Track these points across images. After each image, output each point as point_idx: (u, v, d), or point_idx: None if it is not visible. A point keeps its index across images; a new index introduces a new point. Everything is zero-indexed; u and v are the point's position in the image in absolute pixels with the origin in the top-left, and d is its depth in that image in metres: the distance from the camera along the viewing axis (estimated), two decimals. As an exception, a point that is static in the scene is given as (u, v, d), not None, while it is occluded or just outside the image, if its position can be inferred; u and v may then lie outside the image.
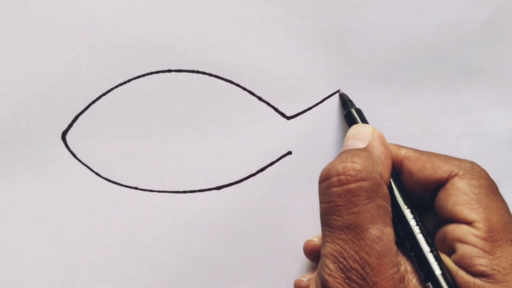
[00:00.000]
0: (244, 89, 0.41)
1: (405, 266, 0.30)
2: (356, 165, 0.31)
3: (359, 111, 0.39)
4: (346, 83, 0.41)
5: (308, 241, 0.39)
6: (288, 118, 0.41)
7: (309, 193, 0.40)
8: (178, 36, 0.40)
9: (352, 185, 0.30)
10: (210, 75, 0.40)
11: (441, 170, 0.33)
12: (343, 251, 0.30)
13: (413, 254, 0.31)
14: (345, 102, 0.40)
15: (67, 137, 0.40)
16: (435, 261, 0.30)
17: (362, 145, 0.34)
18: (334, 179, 0.31)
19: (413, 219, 0.32)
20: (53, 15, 0.39)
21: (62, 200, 0.40)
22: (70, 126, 0.40)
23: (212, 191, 0.41)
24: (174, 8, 0.40)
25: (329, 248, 0.31)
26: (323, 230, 0.32)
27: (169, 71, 0.40)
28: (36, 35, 0.39)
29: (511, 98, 0.42)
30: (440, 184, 0.33)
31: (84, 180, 0.40)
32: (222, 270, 0.40)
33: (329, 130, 0.41)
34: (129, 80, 0.40)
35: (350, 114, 0.39)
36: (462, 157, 0.34)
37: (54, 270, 0.39)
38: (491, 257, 0.30)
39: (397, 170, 0.35)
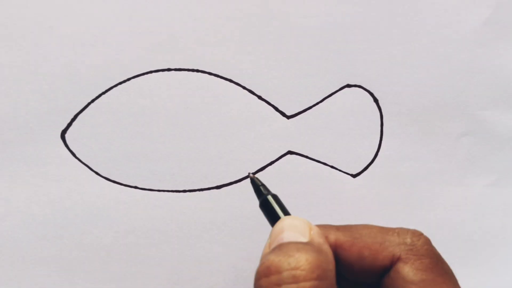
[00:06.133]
0: (244, 88, 0.41)
1: None
2: (308, 262, 0.26)
3: (276, 198, 0.32)
4: (346, 82, 0.41)
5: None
6: (288, 117, 0.41)
7: (309, 193, 0.40)
8: (177, 35, 0.40)
9: (308, 284, 0.25)
10: (210, 74, 0.40)
11: (382, 255, 0.29)
12: None
13: None
14: (258, 188, 0.33)
15: (67, 136, 0.40)
16: None
17: (303, 239, 0.28)
18: (286, 274, 0.26)
19: None
20: (53, 15, 0.39)
21: (62, 199, 0.40)
22: (69, 125, 0.40)
23: (211, 190, 0.41)
24: (174, 7, 0.40)
25: None
26: None
27: (169, 70, 0.40)
28: (36, 35, 0.39)
29: (511, 98, 0.42)
30: (384, 270, 0.29)
31: (83, 179, 0.40)
32: (222, 270, 0.40)
33: (329, 129, 0.41)
34: (128, 79, 0.40)
35: (267, 203, 0.32)
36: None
37: (54, 270, 0.39)
38: None
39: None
